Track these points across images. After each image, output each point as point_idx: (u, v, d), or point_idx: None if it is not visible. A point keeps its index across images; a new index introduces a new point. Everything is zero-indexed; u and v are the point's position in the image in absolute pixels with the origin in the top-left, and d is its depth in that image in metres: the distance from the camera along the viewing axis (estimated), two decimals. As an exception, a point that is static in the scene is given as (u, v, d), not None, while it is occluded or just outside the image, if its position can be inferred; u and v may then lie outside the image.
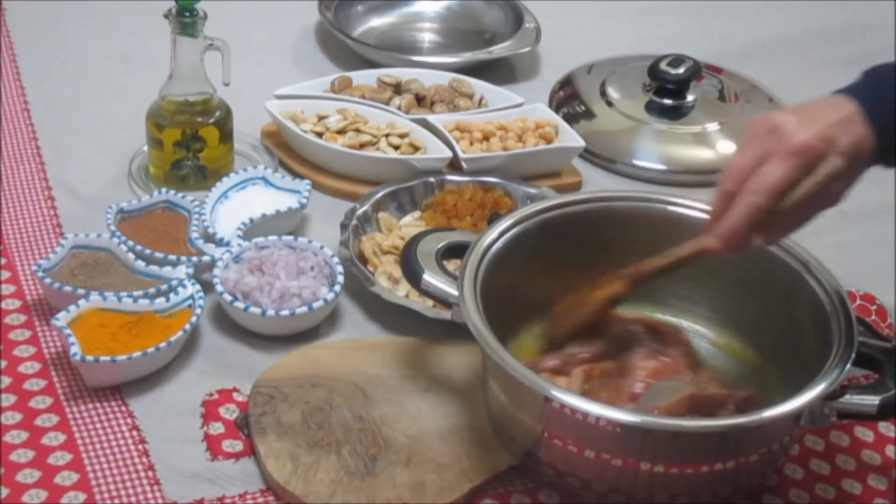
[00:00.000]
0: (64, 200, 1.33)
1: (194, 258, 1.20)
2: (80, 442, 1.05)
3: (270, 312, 1.14)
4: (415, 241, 1.11)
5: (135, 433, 1.06)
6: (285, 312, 1.14)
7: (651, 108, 1.54)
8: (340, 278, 1.18)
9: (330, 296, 1.16)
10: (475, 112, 1.47)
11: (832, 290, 1.06)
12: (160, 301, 1.14)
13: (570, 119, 1.51)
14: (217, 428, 1.07)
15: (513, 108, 1.48)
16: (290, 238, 1.22)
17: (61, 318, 1.10)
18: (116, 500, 1.00)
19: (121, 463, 1.03)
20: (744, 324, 1.13)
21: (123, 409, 1.08)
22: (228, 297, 1.15)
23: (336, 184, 1.38)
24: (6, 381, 1.10)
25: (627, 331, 1.09)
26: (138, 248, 1.21)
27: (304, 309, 1.15)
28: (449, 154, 1.38)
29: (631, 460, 0.96)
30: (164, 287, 1.16)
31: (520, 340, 1.13)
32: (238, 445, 1.06)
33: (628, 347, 1.08)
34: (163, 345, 1.10)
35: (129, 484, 1.02)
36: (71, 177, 1.37)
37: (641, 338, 1.09)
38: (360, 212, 1.29)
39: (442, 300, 1.07)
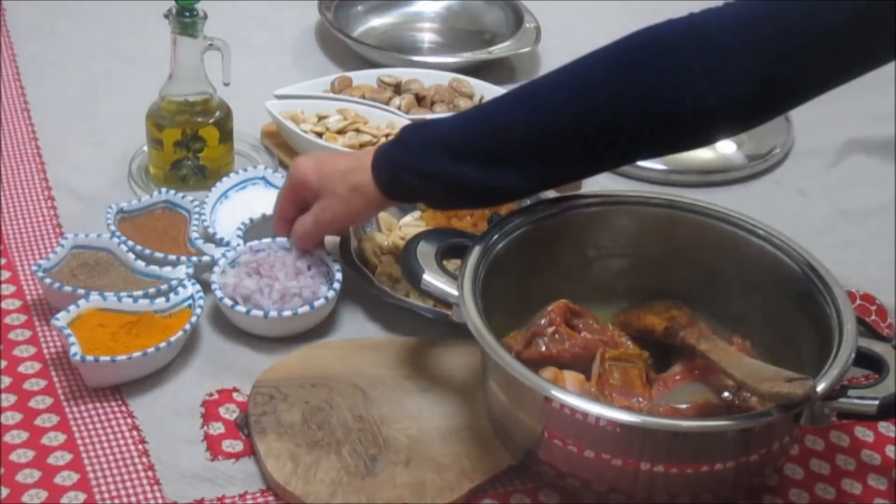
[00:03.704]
0: (64, 200, 1.33)
1: (194, 258, 1.20)
2: (80, 442, 1.05)
3: (273, 314, 1.14)
4: (415, 241, 1.11)
5: (135, 433, 1.06)
6: (288, 313, 1.14)
7: (651, 108, 1.54)
8: (339, 275, 1.18)
9: (330, 294, 1.16)
10: (475, 112, 1.47)
11: (832, 291, 1.06)
12: (160, 301, 1.14)
13: (571, 119, 1.50)
14: (217, 428, 1.07)
15: (513, 108, 1.48)
16: (285, 240, 1.22)
17: (61, 318, 1.10)
18: (116, 500, 1.00)
19: (121, 463, 1.03)
20: (744, 324, 1.13)
21: (123, 409, 1.08)
22: (229, 302, 1.15)
23: (336, 184, 1.38)
24: (6, 381, 1.10)
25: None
26: (138, 248, 1.21)
27: (307, 308, 1.15)
28: (449, 154, 1.37)
29: (631, 460, 0.96)
30: (164, 287, 1.16)
31: (520, 340, 1.13)
32: (238, 445, 1.06)
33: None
34: (163, 345, 1.10)
35: (129, 484, 1.02)
36: (71, 177, 1.37)
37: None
38: (360, 212, 1.29)
39: (442, 300, 1.07)
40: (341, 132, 1.41)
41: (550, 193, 1.31)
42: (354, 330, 1.20)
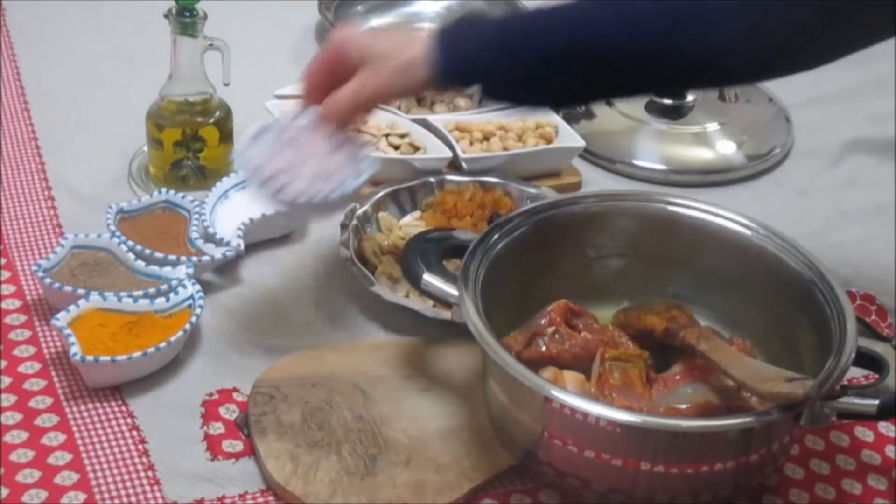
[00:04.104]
0: (64, 200, 1.33)
1: (194, 258, 1.20)
2: (80, 442, 1.05)
3: (303, 200, 1.05)
4: (415, 241, 1.11)
5: (135, 433, 1.06)
6: (319, 198, 1.06)
7: (651, 107, 1.54)
8: (368, 163, 1.10)
9: (359, 180, 1.09)
10: (475, 112, 1.47)
11: (832, 291, 1.06)
12: (160, 301, 1.14)
13: (570, 119, 1.50)
14: (217, 428, 1.07)
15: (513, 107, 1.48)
16: (312, 113, 1.09)
17: (61, 318, 1.10)
18: (116, 500, 1.00)
19: (121, 463, 1.03)
20: (743, 324, 1.13)
21: (123, 409, 1.08)
22: (258, 173, 1.05)
23: (336, 184, 1.38)
24: (6, 381, 1.10)
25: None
26: (138, 248, 1.21)
27: (337, 194, 1.07)
28: (449, 154, 1.38)
29: (631, 460, 0.96)
30: (164, 287, 1.16)
31: (520, 340, 1.13)
32: (238, 445, 1.06)
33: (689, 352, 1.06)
34: (163, 345, 1.10)
35: (129, 484, 1.02)
36: (71, 177, 1.37)
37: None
38: (360, 212, 1.29)
39: (442, 300, 1.07)
40: (341, 132, 1.41)
41: (550, 193, 1.32)
42: (354, 330, 1.20)
